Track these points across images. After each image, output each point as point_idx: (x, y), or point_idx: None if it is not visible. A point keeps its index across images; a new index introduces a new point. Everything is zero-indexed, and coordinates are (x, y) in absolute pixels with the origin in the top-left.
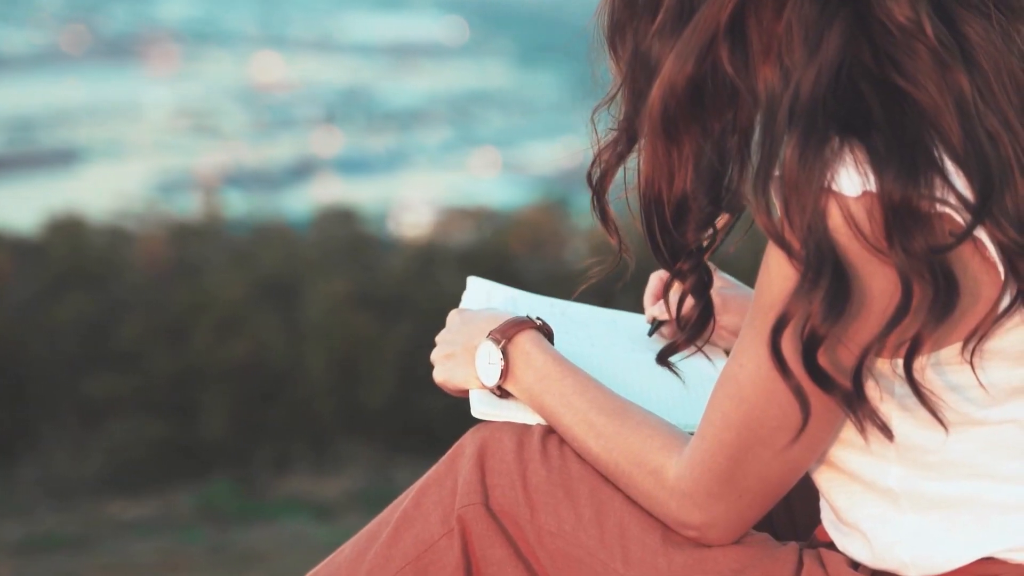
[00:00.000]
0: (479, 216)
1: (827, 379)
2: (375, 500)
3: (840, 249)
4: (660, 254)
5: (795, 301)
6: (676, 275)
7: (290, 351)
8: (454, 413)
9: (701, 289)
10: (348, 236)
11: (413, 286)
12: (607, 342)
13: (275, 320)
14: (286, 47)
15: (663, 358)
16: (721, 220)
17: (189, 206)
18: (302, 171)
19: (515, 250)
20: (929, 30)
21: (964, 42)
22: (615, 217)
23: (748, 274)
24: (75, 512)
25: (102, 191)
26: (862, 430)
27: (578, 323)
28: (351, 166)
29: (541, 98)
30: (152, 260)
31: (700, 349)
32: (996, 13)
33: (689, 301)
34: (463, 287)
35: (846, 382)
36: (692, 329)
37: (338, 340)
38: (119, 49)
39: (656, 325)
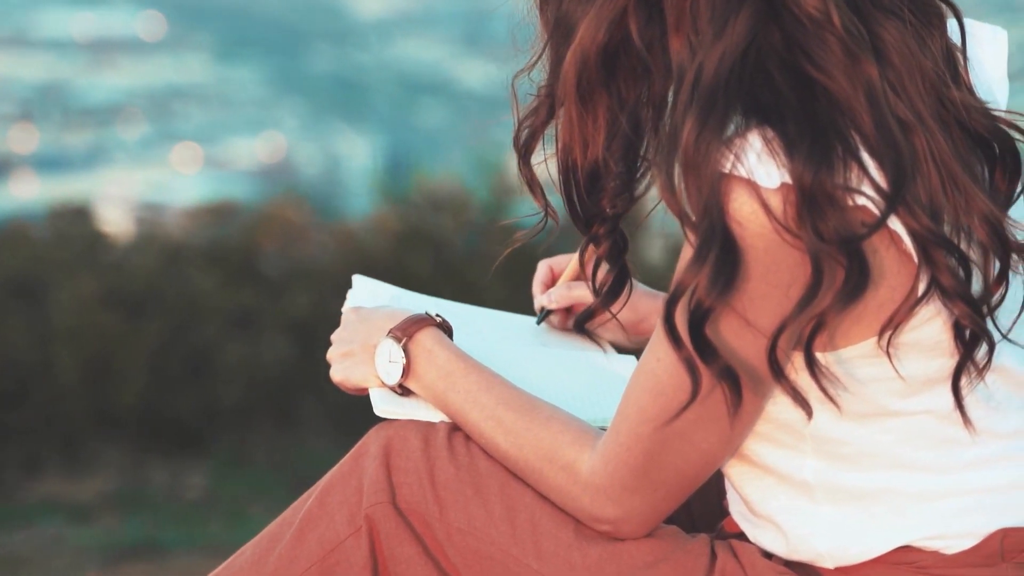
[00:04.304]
0: (223, 211)
1: (711, 351)
2: (129, 500)
3: (739, 230)
4: (577, 219)
5: (687, 272)
6: (591, 239)
7: (37, 352)
8: (207, 412)
9: (616, 254)
10: (87, 234)
11: (160, 284)
12: (498, 338)
13: (20, 320)
14: None
15: (580, 325)
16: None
17: None
18: None
19: (262, 246)
20: (837, 21)
21: (877, 40)
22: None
23: None
24: None
25: None
26: (735, 407)
27: (466, 320)
28: (49, 163)
29: (240, 93)
30: None
31: (614, 316)
32: (911, 17)
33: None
34: (211, 283)
35: (733, 360)
36: (607, 295)
37: (86, 340)
38: None
39: (544, 314)
